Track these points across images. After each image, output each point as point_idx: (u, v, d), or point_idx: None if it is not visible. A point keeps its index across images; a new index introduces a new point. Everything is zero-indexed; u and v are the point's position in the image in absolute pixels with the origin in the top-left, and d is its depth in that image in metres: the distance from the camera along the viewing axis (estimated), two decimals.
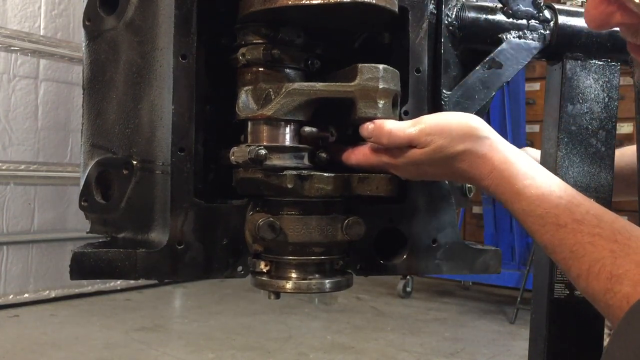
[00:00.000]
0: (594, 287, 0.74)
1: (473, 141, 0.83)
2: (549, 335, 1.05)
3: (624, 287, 0.71)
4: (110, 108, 0.91)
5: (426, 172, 0.87)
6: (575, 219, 0.77)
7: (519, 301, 3.94)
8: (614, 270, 0.72)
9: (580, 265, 0.76)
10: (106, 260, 0.84)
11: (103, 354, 3.14)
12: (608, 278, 0.72)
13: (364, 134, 0.86)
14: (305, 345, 3.39)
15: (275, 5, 0.81)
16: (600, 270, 0.73)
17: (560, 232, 0.78)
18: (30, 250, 4.16)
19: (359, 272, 0.94)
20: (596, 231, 0.76)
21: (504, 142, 0.85)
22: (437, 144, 0.83)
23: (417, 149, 0.84)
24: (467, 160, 0.83)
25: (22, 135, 4.12)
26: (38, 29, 4.16)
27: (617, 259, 0.73)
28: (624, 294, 0.70)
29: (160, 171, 0.87)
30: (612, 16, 0.71)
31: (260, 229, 0.84)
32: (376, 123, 0.85)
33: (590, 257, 0.75)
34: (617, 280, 0.71)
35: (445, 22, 0.98)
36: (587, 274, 0.75)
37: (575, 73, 1.05)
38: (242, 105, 0.87)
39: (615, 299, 0.71)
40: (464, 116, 0.86)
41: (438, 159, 0.84)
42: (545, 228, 0.79)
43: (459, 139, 0.83)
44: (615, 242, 0.74)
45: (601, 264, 0.73)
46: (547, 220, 0.79)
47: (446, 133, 0.83)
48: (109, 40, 0.90)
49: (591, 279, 0.74)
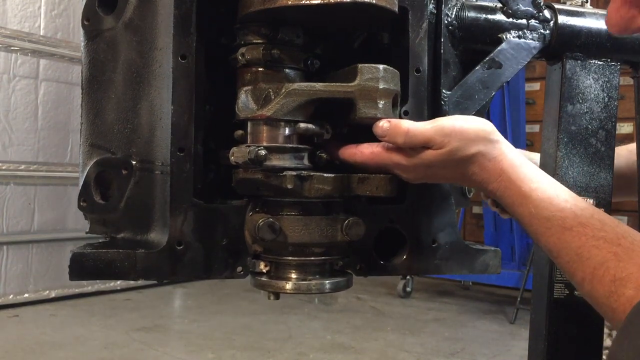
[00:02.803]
0: (598, 290, 0.74)
1: (485, 144, 0.84)
2: (549, 335, 1.05)
3: (627, 290, 0.71)
4: (109, 108, 0.91)
5: (436, 174, 0.87)
6: (580, 222, 0.78)
7: (519, 301, 3.94)
8: (618, 273, 0.72)
9: (584, 268, 0.76)
10: (105, 261, 0.83)
11: (103, 354, 3.14)
12: (612, 281, 0.72)
13: (378, 132, 0.85)
14: (305, 345, 3.39)
15: (275, 5, 0.81)
16: (605, 274, 0.73)
17: (566, 234, 0.78)
18: (30, 250, 4.16)
19: (359, 273, 0.94)
20: (601, 234, 0.76)
21: (512, 147, 0.87)
22: (452, 146, 0.83)
23: (431, 150, 0.84)
24: (478, 162, 0.84)
25: (22, 135, 4.12)
26: (38, 29, 4.16)
27: (620, 262, 0.73)
28: (628, 297, 0.70)
29: (159, 171, 0.87)
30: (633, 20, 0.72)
31: (260, 230, 0.84)
32: (392, 122, 0.84)
33: (594, 260, 0.75)
34: (621, 283, 0.72)
35: (445, 22, 0.98)
36: (591, 277, 0.75)
37: (575, 73, 1.05)
38: (241, 105, 0.87)
39: (619, 302, 0.71)
40: (479, 120, 0.87)
41: (452, 160, 0.84)
42: (551, 231, 0.80)
43: (472, 142, 0.84)
44: (619, 245, 0.74)
45: (605, 267, 0.74)
46: (554, 222, 0.79)
47: (462, 135, 0.83)
48: (107, 40, 0.90)
49: (595, 282, 0.74)
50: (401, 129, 0.84)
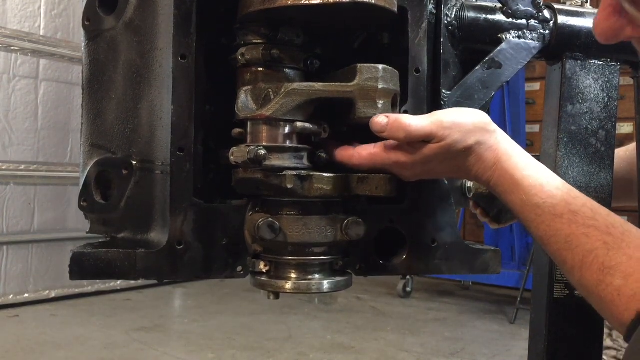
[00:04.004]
0: (587, 278, 0.74)
1: (483, 134, 0.85)
2: (549, 335, 1.05)
3: (615, 279, 0.71)
4: (109, 108, 0.91)
5: (433, 169, 0.87)
6: (571, 210, 0.78)
7: (519, 301, 3.94)
8: (607, 262, 0.73)
9: (574, 256, 0.76)
10: (106, 261, 0.83)
11: (103, 354, 3.14)
12: (600, 269, 0.73)
13: (376, 129, 0.83)
14: (305, 345, 3.39)
15: (275, 5, 0.81)
16: (593, 261, 0.74)
17: (556, 222, 0.79)
18: (30, 250, 4.16)
19: (359, 273, 0.94)
20: (591, 223, 0.76)
21: (507, 137, 0.87)
22: (452, 138, 0.83)
23: (432, 144, 0.84)
24: (475, 153, 0.84)
25: (22, 135, 4.12)
26: (38, 29, 4.16)
27: (610, 251, 0.73)
28: (616, 287, 0.71)
29: (159, 171, 0.87)
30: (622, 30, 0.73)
31: (259, 229, 0.84)
32: (391, 117, 0.83)
33: (583, 248, 0.75)
34: (609, 272, 0.72)
35: (444, 22, 0.98)
36: (580, 265, 0.75)
37: (575, 73, 1.05)
38: (241, 105, 0.87)
39: (606, 292, 0.72)
40: (475, 112, 0.87)
41: (451, 153, 0.84)
42: (541, 218, 0.80)
43: (471, 133, 0.84)
44: (610, 234, 0.75)
45: (594, 255, 0.74)
46: (544, 209, 0.80)
47: (461, 127, 0.84)
48: (108, 40, 0.90)
49: (584, 270, 0.75)
50: (402, 124, 0.83)
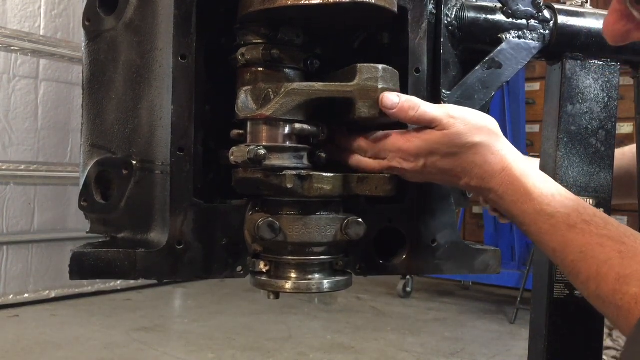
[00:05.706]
0: (603, 288, 0.73)
1: (489, 136, 0.85)
2: (549, 335, 1.05)
3: (631, 287, 0.70)
4: (109, 108, 0.91)
5: (435, 164, 0.85)
6: (584, 220, 0.78)
7: (519, 301, 3.94)
8: (622, 271, 0.72)
9: (589, 267, 0.75)
10: (106, 260, 0.84)
11: (103, 354, 3.14)
12: (616, 279, 0.72)
13: (386, 104, 0.83)
14: (305, 345, 3.39)
15: (275, 5, 0.81)
16: (609, 271, 0.73)
17: (571, 232, 0.78)
18: (30, 250, 4.16)
19: (359, 272, 0.94)
20: (604, 232, 0.76)
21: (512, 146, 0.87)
22: (457, 129, 0.83)
23: (435, 130, 0.84)
24: (481, 153, 0.84)
25: (22, 135, 4.12)
26: (38, 29, 4.16)
27: (624, 260, 0.73)
28: (632, 295, 0.70)
29: (159, 171, 0.87)
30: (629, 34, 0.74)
31: (259, 229, 0.84)
32: (403, 96, 0.84)
33: (598, 259, 0.75)
34: (625, 281, 0.71)
35: (444, 22, 0.98)
36: (596, 275, 0.74)
37: (575, 73, 1.05)
38: (241, 105, 0.87)
39: (623, 301, 0.71)
40: (485, 116, 0.88)
41: (454, 145, 0.83)
42: (555, 228, 0.79)
43: (477, 130, 0.84)
44: (623, 243, 0.74)
45: (609, 264, 0.73)
46: (558, 219, 0.79)
47: (468, 121, 0.84)
48: (108, 41, 0.90)
49: (600, 280, 0.74)
50: (414, 103, 0.83)
